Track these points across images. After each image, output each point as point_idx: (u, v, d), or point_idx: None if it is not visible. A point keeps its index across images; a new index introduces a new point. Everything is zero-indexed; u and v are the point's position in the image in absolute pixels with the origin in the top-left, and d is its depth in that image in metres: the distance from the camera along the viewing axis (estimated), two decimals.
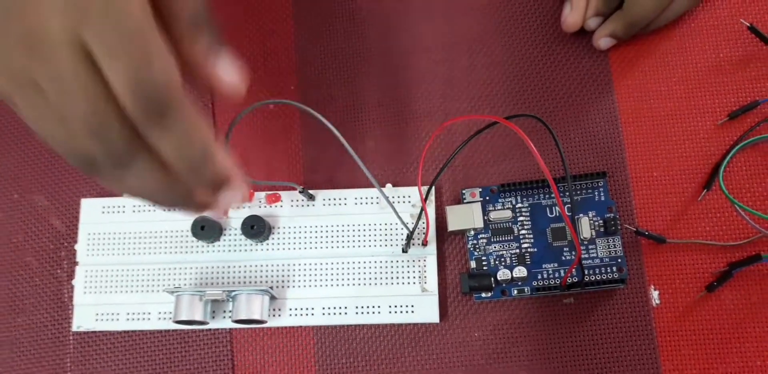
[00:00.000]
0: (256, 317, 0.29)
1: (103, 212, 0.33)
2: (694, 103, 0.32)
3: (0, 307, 0.33)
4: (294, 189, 0.32)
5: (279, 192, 0.32)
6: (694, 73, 0.32)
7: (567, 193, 0.30)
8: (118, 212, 0.33)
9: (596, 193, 0.31)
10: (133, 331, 0.32)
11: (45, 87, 0.18)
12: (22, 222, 0.34)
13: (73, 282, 0.32)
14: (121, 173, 0.19)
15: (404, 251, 0.30)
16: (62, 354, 0.32)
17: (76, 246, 0.33)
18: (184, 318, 0.29)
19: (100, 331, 0.32)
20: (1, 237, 0.34)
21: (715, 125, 0.32)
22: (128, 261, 0.32)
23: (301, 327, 0.31)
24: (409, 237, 0.30)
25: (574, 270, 0.30)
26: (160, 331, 0.32)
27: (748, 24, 0.32)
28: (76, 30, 0.18)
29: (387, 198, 0.28)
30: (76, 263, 0.33)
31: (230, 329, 0.32)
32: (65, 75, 0.18)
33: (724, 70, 0.32)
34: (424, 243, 0.31)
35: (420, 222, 0.31)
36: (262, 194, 0.32)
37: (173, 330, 0.32)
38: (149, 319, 0.31)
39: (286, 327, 0.31)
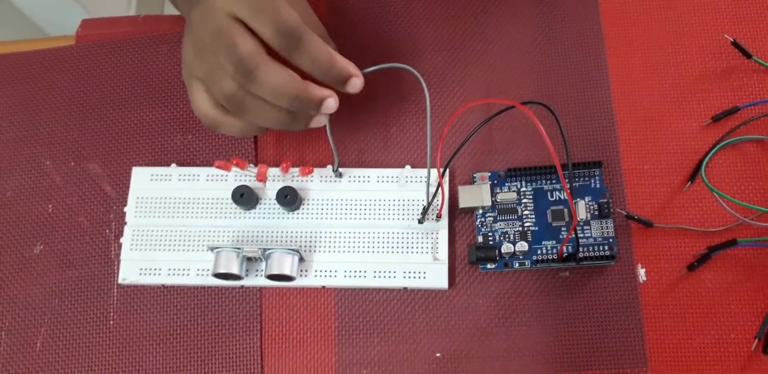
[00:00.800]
0: (287, 273, 0.33)
1: (152, 179, 0.37)
2: (682, 106, 0.36)
3: (52, 261, 0.37)
4: (323, 167, 0.36)
5: (312, 167, 0.36)
6: (684, 80, 0.37)
7: (567, 179, 0.34)
8: (166, 180, 0.37)
9: (592, 181, 0.35)
10: (171, 286, 0.35)
11: (210, 44, 0.29)
12: (76, 186, 0.38)
13: (121, 240, 0.36)
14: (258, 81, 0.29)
15: (420, 222, 0.34)
16: (106, 305, 0.36)
17: (125, 209, 0.36)
18: (222, 271, 0.33)
19: (142, 285, 0.35)
20: (56, 199, 0.38)
21: (700, 126, 0.36)
22: (172, 223, 0.36)
23: (324, 288, 0.35)
24: (425, 209, 0.34)
25: (568, 244, 0.33)
26: (197, 287, 0.35)
27: (731, 39, 0.36)
28: (230, 7, 0.28)
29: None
30: (124, 224, 0.36)
31: (260, 288, 0.35)
32: (223, 29, 0.28)
33: (709, 78, 0.37)
34: (439, 216, 0.34)
35: (434, 201, 0.34)
36: (296, 169, 0.36)
37: (209, 287, 0.35)
38: (188, 275, 0.35)
39: (310, 288, 0.35)
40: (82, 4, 0.90)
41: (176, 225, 0.36)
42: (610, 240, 0.34)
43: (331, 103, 0.30)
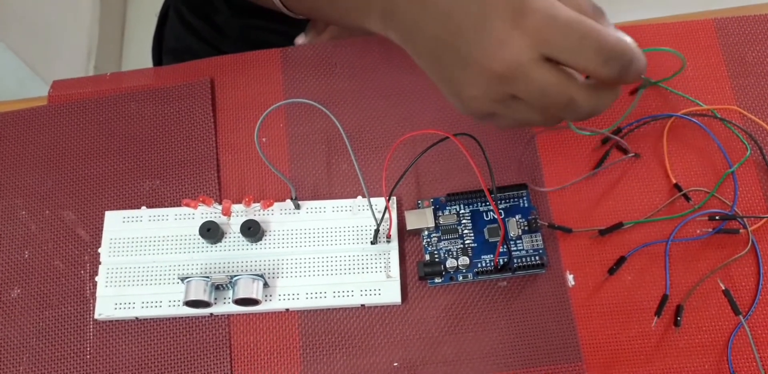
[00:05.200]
0: (253, 296, 0.36)
1: (124, 221, 0.40)
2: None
3: (30, 303, 0.39)
4: (283, 200, 0.40)
5: (273, 200, 0.40)
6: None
7: (495, 200, 0.39)
8: (137, 221, 0.40)
9: (521, 201, 0.40)
10: (145, 319, 0.38)
11: (523, 94, 0.27)
12: (51, 233, 0.41)
13: (96, 278, 0.39)
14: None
15: (373, 243, 0.38)
16: (83, 341, 0.38)
17: (100, 250, 0.39)
18: (192, 298, 0.36)
19: (117, 319, 0.38)
20: (33, 246, 0.40)
21: (592, 149, 0.42)
22: (144, 260, 0.39)
23: (288, 310, 0.38)
24: (377, 230, 0.38)
25: (502, 257, 0.38)
26: (168, 319, 0.38)
27: None
28: (537, 49, 0.26)
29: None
30: (98, 264, 0.39)
31: (228, 315, 0.38)
32: (540, 81, 0.26)
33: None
34: (388, 237, 0.38)
35: (383, 226, 0.39)
36: (257, 204, 0.40)
37: (180, 318, 0.38)
38: (161, 306, 0.38)
39: (275, 313, 0.38)
40: (40, 75, 0.94)
41: (148, 262, 0.39)
42: (540, 251, 0.39)
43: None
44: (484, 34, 0.27)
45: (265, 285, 0.37)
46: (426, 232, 0.39)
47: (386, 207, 0.38)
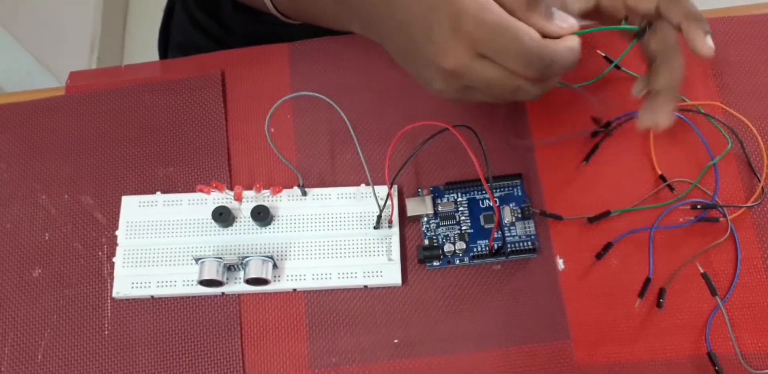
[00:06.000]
0: (263, 276, 0.38)
1: (140, 206, 0.42)
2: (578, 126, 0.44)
3: (51, 282, 0.41)
4: (291, 188, 0.42)
5: (281, 187, 0.42)
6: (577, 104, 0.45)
7: (491, 187, 0.41)
8: (152, 205, 0.42)
9: (515, 190, 0.43)
10: (160, 297, 0.40)
11: (474, 85, 0.33)
12: (70, 216, 0.43)
13: (114, 259, 0.41)
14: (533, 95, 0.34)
15: (375, 228, 0.41)
16: (101, 318, 0.40)
17: (117, 232, 0.42)
18: (206, 277, 0.38)
19: (133, 297, 0.40)
20: (53, 228, 0.42)
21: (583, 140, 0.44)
22: (159, 243, 0.41)
23: (295, 290, 0.40)
24: (379, 216, 0.40)
25: (497, 241, 0.40)
26: (183, 297, 0.40)
27: (603, 54, 0.45)
28: (474, 50, 0.31)
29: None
30: (115, 246, 0.41)
31: (239, 294, 0.40)
32: (484, 75, 0.32)
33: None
34: (390, 222, 0.41)
35: (385, 212, 0.41)
36: (267, 190, 0.42)
37: (193, 296, 0.40)
38: (175, 286, 0.40)
39: (283, 292, 0.40)
40: (45, 66, 0.96)
41: (163, 244, 0.41)
42: (532, 237, 0.41)
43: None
44: (432, 41, 0.32)
45: (274, 266, 0.40)
46: (425, 218, 0.42)
47: (388, 195, 0.40)
